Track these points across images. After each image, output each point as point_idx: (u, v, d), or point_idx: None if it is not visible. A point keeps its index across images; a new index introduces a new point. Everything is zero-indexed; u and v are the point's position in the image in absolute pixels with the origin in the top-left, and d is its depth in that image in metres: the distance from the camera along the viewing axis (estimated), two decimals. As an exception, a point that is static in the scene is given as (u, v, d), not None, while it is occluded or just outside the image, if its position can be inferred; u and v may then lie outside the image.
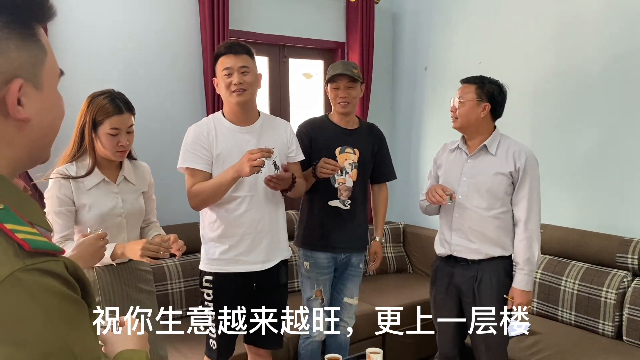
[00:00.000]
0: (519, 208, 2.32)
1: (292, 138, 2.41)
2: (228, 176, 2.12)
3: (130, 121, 2.00)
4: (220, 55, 2.20)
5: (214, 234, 2.26)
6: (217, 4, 3.26)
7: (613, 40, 2.97)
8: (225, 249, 2.25)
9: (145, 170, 2.23)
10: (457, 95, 2.37)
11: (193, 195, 2.19)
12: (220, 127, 2.25)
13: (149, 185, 2.23)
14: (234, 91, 2.17)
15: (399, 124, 4.35)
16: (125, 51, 3.12)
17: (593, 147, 3.10)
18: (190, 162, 2.20)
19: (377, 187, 2.82)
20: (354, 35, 3.97)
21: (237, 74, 2.16)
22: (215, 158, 2.22)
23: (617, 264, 2.82)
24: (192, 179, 2.20)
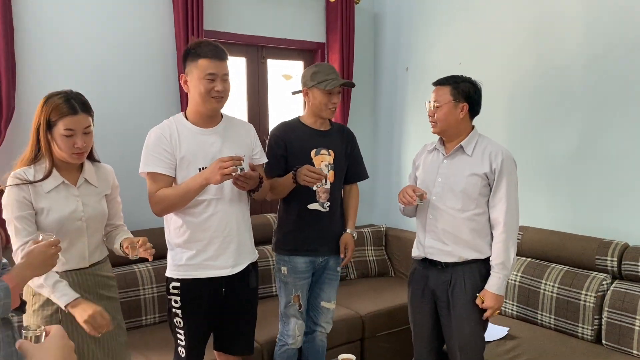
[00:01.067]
0: (495, 210, 2.27)
1: (256, 140, 2.38)
2: (196, 183, 2.07)
3: (86, 122, 1.93)
4: (203, 56, 2.11)
5: (180, 240, 2.20)
6: (191, 3, 3.20)
7: (592, 40, 2.94)
8: (193, 254, 2.19)
9: (109, 172, 2.17)
10: (432, 99, 2.32)
11: (157, 201, 2.13)
12: (182, 129, 2.19)
13: (112, 188, 2.17)
14: (214, 97, 2.13)
15: (381, 125, 4.31)
16: (96, 52, 3.05)
17: (571, 148, 3.06)
18: (153, 166, 2.14)
19: (349, 187, 2.77)
20: (334, 35, 3.92)
21: (220, 80, 2.12)
22: (179, 161, 2.16)
23: (596, 266, 2.78)
24: (154, 183, 2.14)
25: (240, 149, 2.26)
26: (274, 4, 3.71)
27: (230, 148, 2.22)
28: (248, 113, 3.76)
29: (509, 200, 2.25)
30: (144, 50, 3.21)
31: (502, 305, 2.31)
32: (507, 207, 2.25)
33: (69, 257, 1.97)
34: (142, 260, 2.95)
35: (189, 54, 2.15)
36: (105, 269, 2.13)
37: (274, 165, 2.53)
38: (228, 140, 2.24)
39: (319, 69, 2.55)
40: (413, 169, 2.54)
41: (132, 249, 1.98)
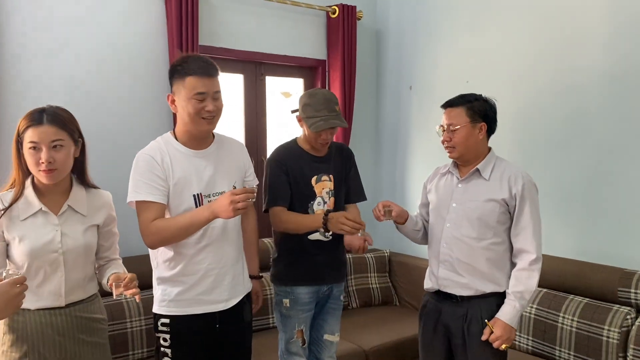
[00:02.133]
0: (520, 239, 2.09)
1: (249, 161, 2.21)
2: (202, 217, 1.87)
3: (53, 135, 1.73)
4: (191, 74, 1.90)
5: (170, 273, 1.99)
6: (186, 18, 3.04)
7: (610, 58, 2.78)
8: (184, 289, 1.99)
9: (104, 200, 1.97)
10: (446, 122, 2.14)
11: (154, 232, 1.89)
12: (174, 151, 1.99)
13: (107, 218, 1.97)
14: (204, 118, 1.93)
15: (384, 146, 4.13)
16: (84, 68, 2.89)
17: (590, 171, 2.88)
18: (146, 195, 1.90)
19: (347, 207, 2.53)
20: (336, 52, 3.77)
21: (210, 99, 1.92)
22: (172, 187, 1.95)
23: (619, 299, 2.58)
24: (147, 212, 1.91)
25: (235, 172, 2.11)
26: (273, 19, 3.56)
27: (224, 172, 2.05)
28: (245, 132, 3.59)
29: (534, 228, 2.07)
30: (135, 66, 3.05)
31: (513, 339, 2.10)
32: (533, 236, 2.07)
33: (42, 293, 1.77)
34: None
35: (175, 71, 1.94)
36: (90, 310, 1.92)
37: (281, 192, 2.33)
38: (221, 163, 2.06)
39: (311, 101, 2.31)
40: (424, 193, 2.36)
41: (117, 286, 1.75)
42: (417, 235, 2.32)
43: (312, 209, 2.35)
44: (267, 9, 3.51)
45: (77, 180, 1.90)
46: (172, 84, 1.98)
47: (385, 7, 4.05)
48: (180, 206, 1.95)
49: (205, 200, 1.98)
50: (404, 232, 2.32)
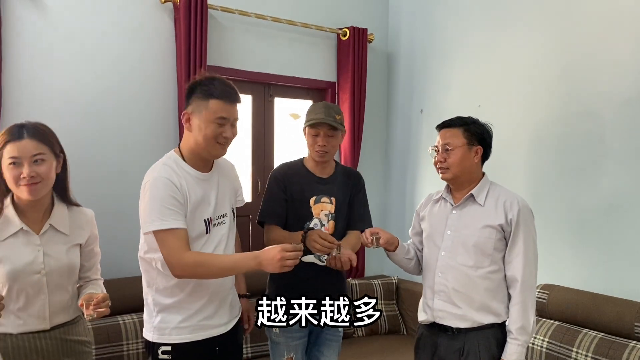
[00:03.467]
0: (512, 267, 2.00)
1: (239, 181, 2.18)
2: (247, 266, 1.84)
3: (34, 149, 1.68)
4: (216, 97, 1.83)
5: (173, 300, 1.89)
6: (194, 37, 3.04)
7: (624, 83, 2.70)
8: (189, 315, 1.90)
9: (87, 218, 1.92)
10: (441, 143, 2.07)
11: (189, 265, 1.79)
12: (185, 174, 1.90)
13: (90, 237, 1.91)
14: (220, 143, 1.87)
15: (393, 170, 4.07)
16: (93, 85, 2.89)
17: (602, 199, 2.77)
18: (172, 222, 1.78)
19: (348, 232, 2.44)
20: (346, 75, 3.74)
21: (229, 126, 1.87)
22: (189, 213, 1.87)
23: (635, 334, 2.45)
24: (176, 240, 1.79)
25: (232, 194, 2.08)
26: (282, 40, 3.55)
27: (224, 195, 2.02)
28: (252, 153, 3.55)
29: (526, 255, 1.99)
30: (143, 85, 3.04)
31: None
32: (525, 264, 1.98)
33: (27, 317, 1.71)
34: (127, 311, 2.76)
35: (200, 90, 1.86)
36: (75, 332, 1.85)
37: (276, 210, 2.28)
38: (221, 186, 2.02)
39: (312, 107, 2.32)
40: (416, 220, 2.27)
41: (87, 306, 1.65)
42: (409, 264, 2.22)
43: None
44: (277, 30, 3.51)
45: (58, 198, 1.84)
46: (190, 102, 1.88)
47: (397, 30, 4.02)
48: (193, 231, 1.87)
49: (213, 224, 1.93)
50: (395, 260, 2.22)
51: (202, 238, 1.89)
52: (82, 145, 2.81)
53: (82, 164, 2.82)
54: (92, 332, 2.58)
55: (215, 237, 1.93)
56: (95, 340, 2.58)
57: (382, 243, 2.08)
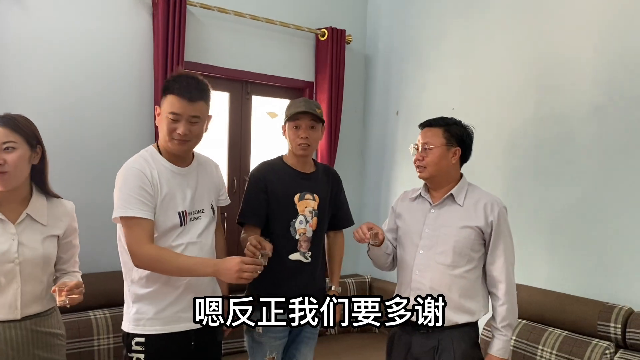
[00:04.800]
0: (495, 267, 2.06)
1: (222, 181, 2.19)
2: (204, 272, 1.87)
3: (4, 137, 1.69)
4: (171, 92, 1.87)
5: (147, 291, 1.91)
6: (173, 33, 3.03)
7: (597, 88, 2.78)
8: (164, 306, 1.92)
9: (67, 210, 1.92)
10: (421, 141, 2.11)
11: (147, 257, 1.83)
12: (159, 167, 1.93)
13: (68, 229, 1.90)
14: (175, 139, 1.89)
15: (369, 170, 4.11)
16: (70, 78, 2.86)
17: (573, 202, 2.86)
18: (136, 210, 1.82)
19: (334, 234, 2.53)
20: (323, 75, 3.77)
21: (184, 123, 1.87)
22: (159, 204, 1.89)
23: (598, 332, 2.53)
24: (139, 230, 1.83)
25: (212, 191, 2.08)
26: (261, 39, 3.56)
27: (203, 191, 2.03)
28: (229, 150, 3.55)
29: (507, 255, 2.05)
30: (120, 80, 3.02)
31: None
32: (507, 264, 2.05)
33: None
34: (99, 306, 2.74)
35: (164, 86, 1.92)
36: (48, 324, 1.84)
37: (256, 209, 2.28)
38: (201, 182, 2.03)
39: (292, 102, 2.35)
40: (392, 217, 2.30)
41: (60, 293, 1.66)
42: (387, 259, 2.23)
43: (294, 228, 2.28)
44: (255, 28, 3.51)
45: (37, 189, 1.84)
46: (161, 97, 1.95)
47: (375, 32, 4.07)
48: (166, 223, 1.90)
49: (189, 218, 1.94)
50: (375, 256, 2.23)
51: (176, 230, 1.91)
52: (60, 139, 2.79)
53: (60, 157, 2.80)
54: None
55: (190, 230, 1.94)
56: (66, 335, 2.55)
57: (381, 238, 2.06)
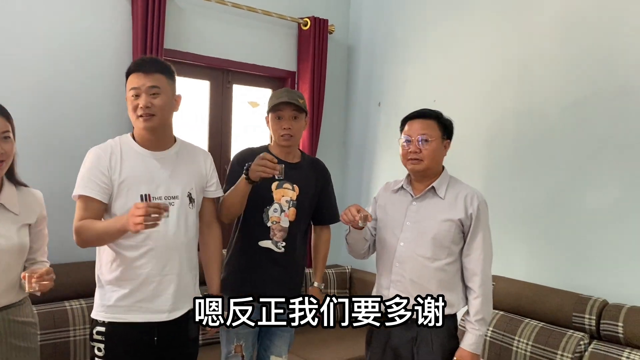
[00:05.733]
0: (471, 260, 2.06)
1: (213, 171, 2.14)
2: (115, 227, 1.80)
3: (4, 126, 1.69)
4: (130, 72, 1.92)
5: (112, 276, 1.91)
6: (152, 20, 2.97)
7: (572, 84, 2.81)
8: (125, 294, 1.90)
9: (36, 199, 1.89)
10: (418, 133, 2.05)
11: (78, 232, 1.86)
12: (128, 150, 1.94)
13: (38, 218, 1.87)
14: (140, 115, 1.88)
15: (351, 161, 4.11)
16: (46, 66, 2.79)
17: (550, 195, 2.89)
18: (85, 189, 1.86)
19: (319, 229, 2.52)
20: (306, 64, 3.74)
21: (144, 95, 1.86)
22: (117, 187, 1.88)
23: (573, 324, 2.57)
24: (83, 209, 1.86)
25: (192, 179, 2.04)
26: (243, 27, 3.52)
27: (179, 177, 1.99)
28: (209, 139, 3.51)
29: (485, 248, 2.05)
30: (98, 67, 2.96)
31: None
32: (485, 257, 2.05)
33: None
34: (75, 296, 2.70)
35: (125, 74, 1.95)
36: (21, 313, 1.82)
37: None
38: (179, 168, 2.00)
39: (274, 93, 2.35)
40: (374, 207, 2.28)
41: (29, 279, 1.64)
42: (364, 245, 2.21)
43: (267, 214, 2.28)
44: (237, 16, 3.47)
45: (6, 178, 1.81)
46: None
47: (358, 23, 4.05)
48: (126, 205, 1.87)
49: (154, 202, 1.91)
50: (354, 240, 2.19)
51: None
52: (33, 126, 2.72)
53: (36, 147, 2.75)
54: (37, 317, 2.53)
55: None
56: (40, 326, 2.48)
57: (371, 220, 2.02)
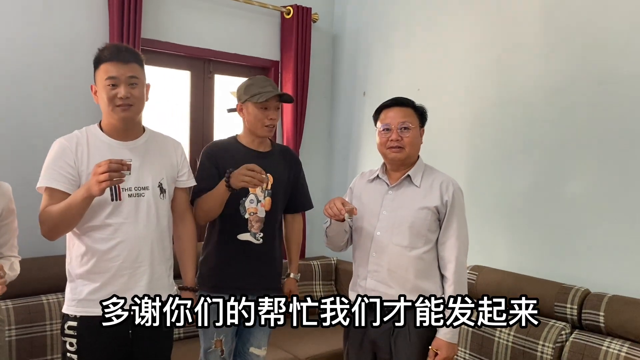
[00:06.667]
0: (447, 247, 2.04)
1: (184, 160, 2.11)
2: (78, 196, 1.75)
3: None
4: (104, 61, 1.86)
5: (82, 270, 1.88)
6: (128, 9, 2.92)
7: (554, 73, 2.76)
8: (96, 287, 1.87)
9: (2, 191, 1.85)
10: (399, 120, 2.03)
11: (42, 220, 1.81)
12: (94, 140, 1.90)
13: (4, 211, 1.83)
14: (118, 105, 1.85)
15: (336, 151, 4.07)
16: (20, 55, 2.74)
17: (532, 184, 2.86)
18: (50, 181, 1.82)
19: (291, 217, 2.49)
20: (289, 54, 3.69)
21: (124, 86, 1.84)
22: (85, 178, 1.84)
23: (555, 313, 2.55)
24: (47, 198, 1.82)
25: (163, 168, 2.00)
26: (224, 16, 3.47)
27: (150, 167, 1.95)
28: (191, 130, 3.47)
29: (460, 236, 2.03)
30: (73, 58, 2.90)
31: (456, 353, 2.05)
32: (459, 244, 2.03)
33: None
34: (52, 291, 2.66)
35: (95, 60, 1.90)
36: None
37: (208, 185, 2.21)
38: (149, 158, 1.97)
39: (253, 81, 2.29)
40: (349, 195, 2.24)
41: None
42: (344, 237, 2.18)
43: (243, 207, 2.25)
44: (217, 4, 3.41)
45: None
46: (94, 75, 1.91)
47: (342, 11, 4.00)
48: None
49: (127, 194, 1.89)
50: (336, 232, 2.15)
51: (107, 206, 1.85)
52: (5, 121, 2.68)
53: (4, 140, 2.70)
54: (13, 311, 2.49)
55: (127, 208, 1.88)
56: (15, 320, 2.47)
57: (355, 213, 1.98)
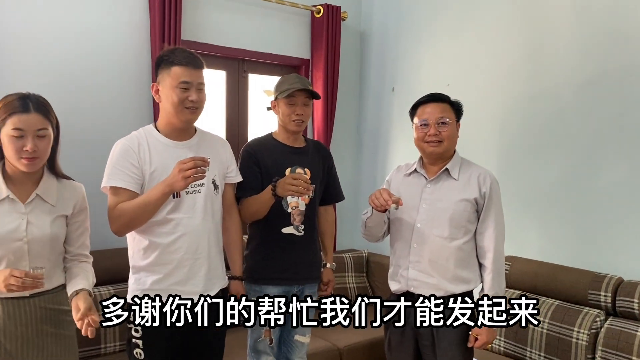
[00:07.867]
0: (485, 237, 2.12)
1: (231, 158, 2.23)
2: (157, 192, 1.88)
3: (40, 123, 1.73)
4: (176, 64, 1.96)
5: (145, 262, 2.00)
6: (169, 12, 3.03)
7: (585, 64, 2.83)
8: (159, 278, 1.99)
9: (76, 192, 1.94)
10: (437, 115, 2.11)
11: (115, 217, 1.92)
12: (153, 141, 2.02)
13: (77, 210, 1.93)
14: (188, 108, 1.97)
15: (365, 146, 4.16)
16: (66, 60, 2.87)
17: (564, 176, 2.92)
18: (117, 180, 1.93)
19: (324, 209, 2.57)
20: (319, 52, 3.78)
21: (194, 90, 1.97)
22: (148, 177, 1.96)
23: (589, 301, 2.62)
24: (116, 198, 1.94)
25: (215, 166, 2.10)
26: (257, 16, 3.57)
27: None
28: (227, 129, 3.58)
29: (497, 226, 2.11)
30: (118, 59, 3.03)
31: (495, 338, 2.14)
32: (497, 234, 2.11)
33: None
34: (102, 283, 2.79)
35: (162, 61, 2.01)
36: (56, 301, 1.88)
37: (251, 182, 2.31)
38: (202, 155, 2.05)
39: (285, 79, 2.38)
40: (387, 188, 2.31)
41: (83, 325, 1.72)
42: (383, 228, 2.26)
43: (285, 201, 2.34)
44: (251, 6, 3.51)
45: (48, 170, 1.87)
46: (157, 73, 2.03)
47: (370, 9, 4.07)
48: None
49: (185, 191, 1.99)
50: (376, 222, 2.22)
51: (169, 202, 1.96)
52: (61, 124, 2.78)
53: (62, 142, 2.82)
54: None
55: (186, 204, 1.99)
56: (70, 312, 2.61)
57: (402, 203, 2.02)
